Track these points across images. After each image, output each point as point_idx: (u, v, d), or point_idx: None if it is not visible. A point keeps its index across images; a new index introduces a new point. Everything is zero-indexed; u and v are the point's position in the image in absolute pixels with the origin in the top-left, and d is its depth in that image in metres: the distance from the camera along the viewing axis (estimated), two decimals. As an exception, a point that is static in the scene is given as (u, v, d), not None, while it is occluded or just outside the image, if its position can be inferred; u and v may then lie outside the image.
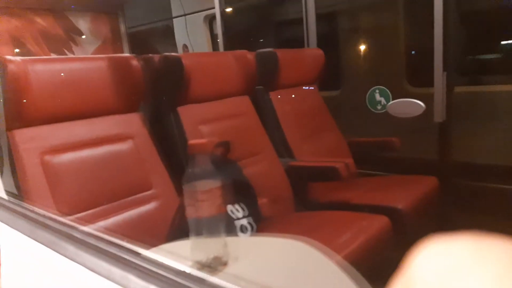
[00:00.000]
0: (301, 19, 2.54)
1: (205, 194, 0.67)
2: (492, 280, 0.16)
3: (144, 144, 1.51)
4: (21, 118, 1.27)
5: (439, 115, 2.03)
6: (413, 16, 2.41)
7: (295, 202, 1.90)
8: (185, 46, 2.98)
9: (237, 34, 2.89)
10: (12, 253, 0.91)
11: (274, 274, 0.68)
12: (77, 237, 0.73)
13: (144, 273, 0.57)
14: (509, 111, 2.11)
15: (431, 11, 1.94)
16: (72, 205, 1.29)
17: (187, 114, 1.66)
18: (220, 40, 2.70)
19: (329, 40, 2.70)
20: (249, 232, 1.23)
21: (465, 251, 0.18)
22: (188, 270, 0.53)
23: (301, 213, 1.86)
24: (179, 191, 1.46)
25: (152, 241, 0.86)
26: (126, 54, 2.25)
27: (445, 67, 1.96)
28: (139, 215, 1.40)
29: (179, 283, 0.53)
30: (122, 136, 1.47)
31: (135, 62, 1.54)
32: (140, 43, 2.81)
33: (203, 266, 0.69)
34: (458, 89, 2.16)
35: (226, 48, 2.69)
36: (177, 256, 0.70)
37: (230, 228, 1.15)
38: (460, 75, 2.30)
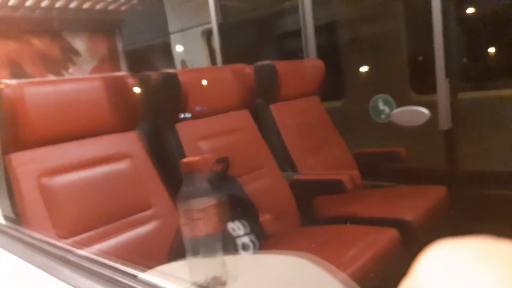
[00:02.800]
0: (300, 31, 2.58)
1: (200, 213, 0.68)
2: (497, 283, 0.16)
3: (142, 163, 1.53)
4: (17, 141, 1.30)
5: (444, 122, 2.04)
6: (413, 22, 2.44)
7: (300, 217, 1.91)
8: (183, 62, 3.03)
9: (235, 47, 2.93)
10: (10, 278, 0.93)
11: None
12: (72, 261, 0.75)
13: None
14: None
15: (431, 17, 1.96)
16: (70, 228, 1.30)
17: (186, 130, 1.69)
18: (218, 54, 2.74)
19: (330, 50, 2.73)
20: (251, 250, 1.24)
21: (471, 254, 0.18)
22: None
23: (306, 228, 1.86)
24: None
25: (152, 263, 0.87)
26: (122, 73, 2.29)
27: (448, 73, 1.98)
28: (139, 236, 1.42)
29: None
30: (119, 156, 1.50)
31: (131, 81, 1.58)
32: (137, 60, 2.86)
33: (201, 287, 0.70)
34: (462, 95, 2.17)
35: (225, 62, 2.73)
36: (174, 278, 0.71)
37: (231, 246, 1.16)
38: (464, 81, 2.32)
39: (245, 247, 1.21)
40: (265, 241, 1.43)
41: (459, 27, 2.25)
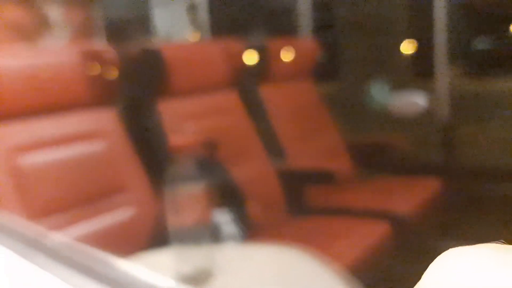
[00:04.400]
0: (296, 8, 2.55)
1: (187, 200, 0.66)
2: None
3: (119, 143, 1.50)
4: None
5: (441, 111, 2.05)
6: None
7: (289, 207, 1.90)
8: (167, 35, 2.97)
9: (224, 22, 2.88)
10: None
11: (265, 285, 0.67)
12: (46, 245, 0.72)
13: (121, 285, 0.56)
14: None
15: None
16: (41, 208, 1.28)
17: (168, 110, 1.65)
18: (204, 29, 2.69)
19: (326, 29, 2.71)
20: (238, 240, 1.23)
21: (484, 263, 0.17)
22: (171, 285, 0.52)
23: (294, 219, 1.86)
24: (158, 194, 1.46)
25: (129, 249, 0.85)
26: (101, 45, 2.23)
27: (450, 58, 1.98)
28: (114, 220, 1.40)
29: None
30: (94, 134, 1.47)
31: (110, 54, 1.54)
32: (118, 32, 2.79)
33: (187, 278, 0.68)
34: (463, 81, 2.18)
35: (213, 37, 2.69)
36: (157, 267, 0.69)
37: (216, 235, 1.15)
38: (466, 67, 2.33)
39: (231, 237, 1.20)
40: (251, 230, 1.42)
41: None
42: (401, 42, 2.48)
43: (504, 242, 0.19)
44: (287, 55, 2.17)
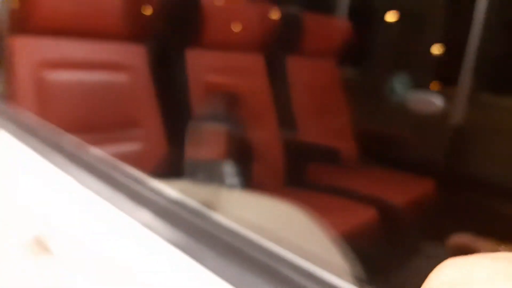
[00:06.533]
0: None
1: (210, 136, 0.71)
2: None
3: (141, 80, 1.55)
4: (24, 24, 1.30)
5: (456, 117, 2.07)
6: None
7: (288, 178, 1.95)
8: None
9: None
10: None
11: (265, 229, 0.72)
12: (66, 149, 0.77)
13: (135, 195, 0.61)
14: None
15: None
16: (55, 125, 1.33)
17: (195, 59, 1.68)
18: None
19: (363, 15, 2.70)
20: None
21: (486, 272, 0.18)
22: (186, 200, 0.57)
23: (290, 190, 1.91)
24: (169, 137, 1.51)
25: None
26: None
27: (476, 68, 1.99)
28: (123, 150, 1.45)
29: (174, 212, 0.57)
30: (120, 66, 1.51)
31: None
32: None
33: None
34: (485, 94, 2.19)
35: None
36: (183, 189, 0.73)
37: (221, 181, 1.20)
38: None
39: (233, 187, 1.24)
40: (250, 189, 1.47)
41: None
42: (433, 43, 2.48)
43: (504, 249, 0.20)
44: (319, 32, 2.17)
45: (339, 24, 2.44)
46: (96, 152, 0.77)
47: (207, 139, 0.74)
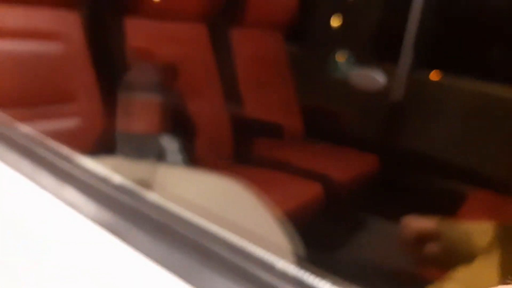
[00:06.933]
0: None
1: (138, 107, 0.66)
2: None
3: (76, 49, 1.45)
4: None
5: (396, 93, 2.12)
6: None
7: (234, 154, 1.93)
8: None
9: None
10: None
11: (200, 202, 0.69)
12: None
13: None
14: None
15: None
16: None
17: (133, 27, 1.59)
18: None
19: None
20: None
21: None
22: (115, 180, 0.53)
23: (236, 166, 1.89)
24: (109, 106, 1.43)
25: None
26: None
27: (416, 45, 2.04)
28: (61, 126, 1.37)
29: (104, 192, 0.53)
30: (54, 34, 1.41)
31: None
32: None
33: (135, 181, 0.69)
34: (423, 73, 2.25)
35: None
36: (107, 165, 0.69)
37: (161, 157, 1.15)
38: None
39: (175, 163, 1.20)
40: (194, 165, 1.44)
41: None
42: (375, 21, 2.50)
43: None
44: (264, 4, 2.13)
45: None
46: (20, 127, 0.70)
47: (138, 110, 0.69)
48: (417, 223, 0.74)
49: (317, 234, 1.73)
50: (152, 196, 0.52)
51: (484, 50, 2.12)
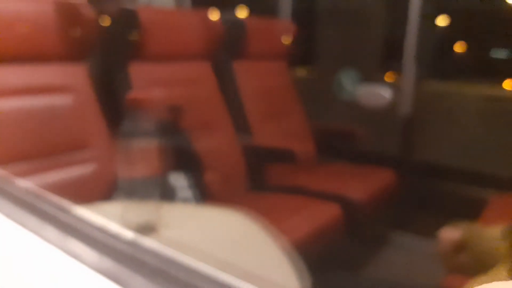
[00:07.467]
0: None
1: (139, 152, 0.68)
2: None
3: (86, 99, 1.51)
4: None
5: (404, 107, 2.11)
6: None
7: (249, 182, 1.94)
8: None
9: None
10: None
11: (205, 242, 0.70)
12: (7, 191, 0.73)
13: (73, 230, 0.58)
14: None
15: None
16: (1, 154, 1.27)
17: (139, 73, 1.65)
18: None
19: (304, 15, 2.73)
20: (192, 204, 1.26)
21: None
22: (111, 228, 0.55)
23: (252, 193, 1.90)
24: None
25: (89, 201, 0.86)
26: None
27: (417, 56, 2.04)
28: (76, 174, 1.41)
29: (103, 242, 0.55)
30: (63, 88, 1.47)
31: (87, 10, 1.52)
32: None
33: (130, 229, 0.70)
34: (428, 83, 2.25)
35: (193, 6, 2.66)
36: (106, 216, 0.71)
37: (171, 196, 1.17)
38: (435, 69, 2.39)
39: (186, 200, 1.22)
40: (207, 199, 1.45)
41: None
42: (376, 37, 2.53)
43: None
44: (263, 35, 2.18)
45: (283, 25, 2.45)
46: (22, 183, 0.73)
47: (140, 154, 0.71)
48: (449, 234, 0.73)
49: (341, 256, 1.72)
50: (152, 242, 0.53)
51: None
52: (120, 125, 1.49)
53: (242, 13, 2.19)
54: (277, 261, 0.71)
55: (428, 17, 2.15)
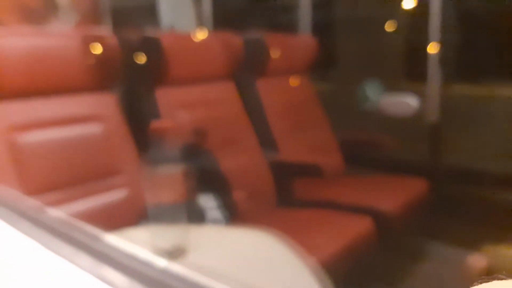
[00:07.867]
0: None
1: (165, 179, 0.71)
2: None
3: (115, 127, 1.55)
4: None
5: (431, 113, 2.08)
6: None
7: (277, 198, 1.94)
8: (171, 28, 3.00)
9: (228, 14, 2.91)
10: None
11: (233, 264, 0.72)
12: (41, 220, 0.76)
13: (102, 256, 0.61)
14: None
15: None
16: (36, 185, 1.32)
17: (165, 97, 1.70)
18: (207, 20, 2.72)
19: (324, 28, 2.74)
20: (222, 224, 1.27)
21: None
22: (143, 256, 0.57)
23: (281, 209, 1.90)
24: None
25: (121, 227, 0.89)
26: (103, 31, 2.27)
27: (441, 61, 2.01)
28: (107, 201, 1.44)
29: (132, 268, 0.57)
30: (92, 117, 1.51)
31: (111, 40, 1.57)
32: (122, 20, 2.82)
33: (161, 253, 0.72)
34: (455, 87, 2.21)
35: (215, 29, 2.72)
36: (136, 242, 0.74)
37: (200, 218, 1.19)
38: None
39: (216, 221, 1.24)
40: (237, 218, 1.46)
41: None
42: (398, 45, 2.51)
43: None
44: (285, 50, 2.20)
45: (302, 40, 2.47)
46: (56, 212, 0.77)
47: (166, 181, 0.74)
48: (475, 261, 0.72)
49: (375, 270, 1.69)
50: (182, 268, 0.55)
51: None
52: (148, 151, 1.53)
53: (262, 29, 2.22)
54: (307, 284, 0.71)
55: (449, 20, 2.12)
